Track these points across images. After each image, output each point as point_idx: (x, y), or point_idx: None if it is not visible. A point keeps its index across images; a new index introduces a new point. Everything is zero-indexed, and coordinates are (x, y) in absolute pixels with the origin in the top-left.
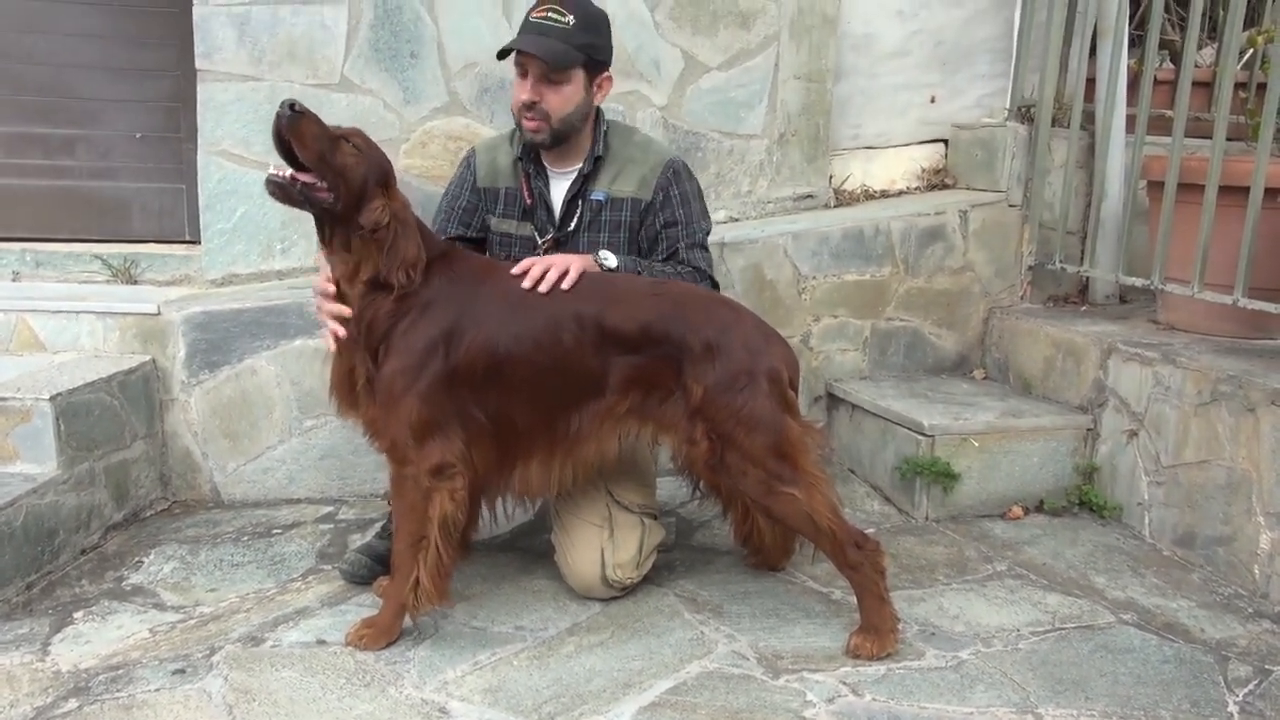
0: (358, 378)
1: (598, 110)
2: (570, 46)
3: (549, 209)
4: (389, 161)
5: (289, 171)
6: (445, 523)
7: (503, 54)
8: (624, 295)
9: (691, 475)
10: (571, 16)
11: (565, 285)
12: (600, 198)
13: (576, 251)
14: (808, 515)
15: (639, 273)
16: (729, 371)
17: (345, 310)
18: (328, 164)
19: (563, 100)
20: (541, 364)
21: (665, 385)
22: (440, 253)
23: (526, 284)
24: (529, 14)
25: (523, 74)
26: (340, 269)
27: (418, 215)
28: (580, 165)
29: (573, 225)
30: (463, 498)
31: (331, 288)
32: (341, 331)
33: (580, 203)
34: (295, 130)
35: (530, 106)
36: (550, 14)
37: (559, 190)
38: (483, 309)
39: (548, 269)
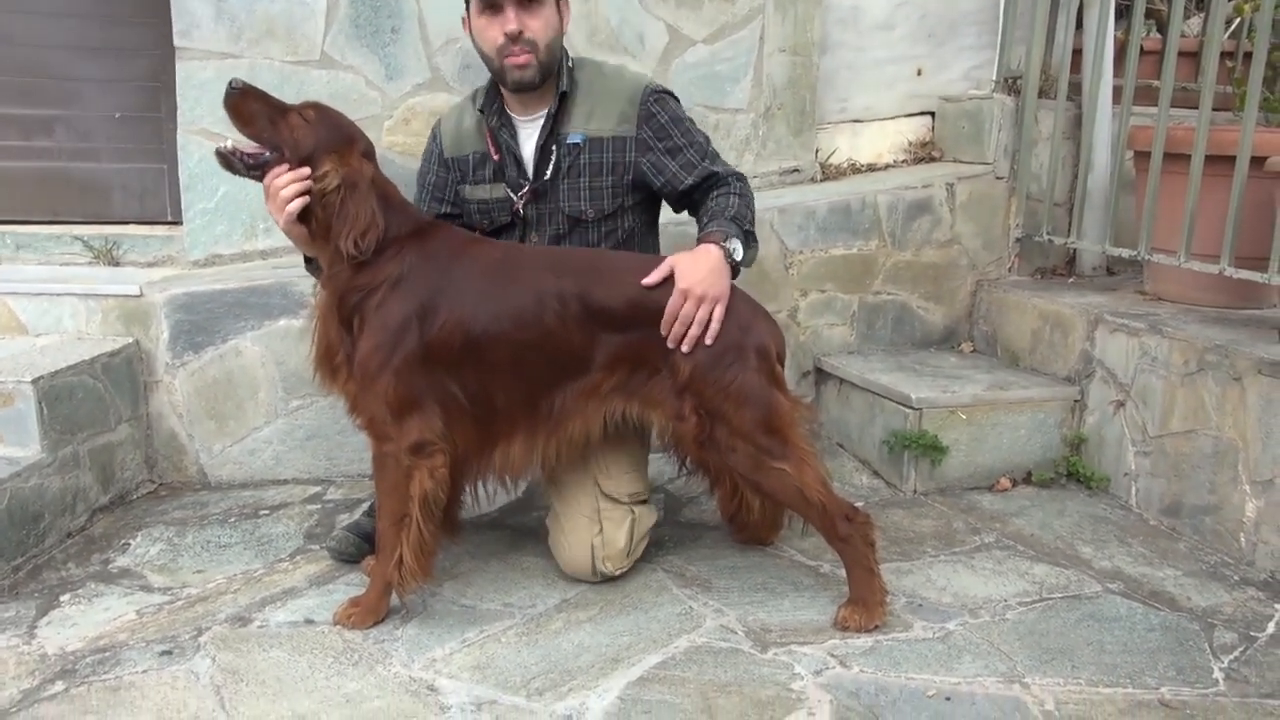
0: (336, 350)
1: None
2: None
3: (519, 162)
4: (354, 131)
5: (229, 142)
6: (426, 500)
7: None
8: (610, 270)
9: (679, 452)
10: None
11: (715, 328)
12: (578, 140)
13: (557, 203)
14: (798, 489)
15: (747, 230)
16: (718, 347)
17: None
18: (271, 137)
19: (544, 24)
20: (522, 342)
21: (652, 361)
22: (416, 227)
23: (685, 347)
24: None
25: (493, 9)
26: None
27: (394, 188)
28: (547, 107)
29: (549, 173)
30: (443, 475)
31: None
32: (295, 204)
33: (555, 148)
34: (233, 107)
35: (516, 37)
36: None
37: (529, 139)
38: (459, 285)
39: (694, 314)
